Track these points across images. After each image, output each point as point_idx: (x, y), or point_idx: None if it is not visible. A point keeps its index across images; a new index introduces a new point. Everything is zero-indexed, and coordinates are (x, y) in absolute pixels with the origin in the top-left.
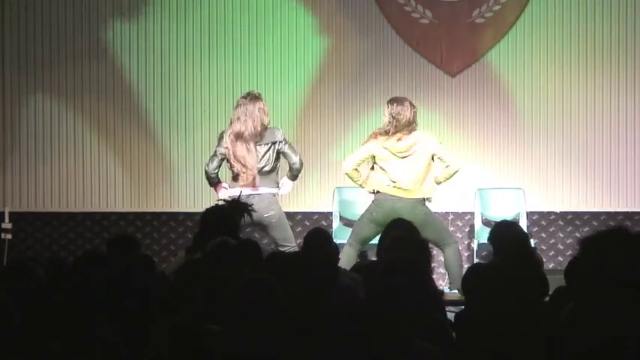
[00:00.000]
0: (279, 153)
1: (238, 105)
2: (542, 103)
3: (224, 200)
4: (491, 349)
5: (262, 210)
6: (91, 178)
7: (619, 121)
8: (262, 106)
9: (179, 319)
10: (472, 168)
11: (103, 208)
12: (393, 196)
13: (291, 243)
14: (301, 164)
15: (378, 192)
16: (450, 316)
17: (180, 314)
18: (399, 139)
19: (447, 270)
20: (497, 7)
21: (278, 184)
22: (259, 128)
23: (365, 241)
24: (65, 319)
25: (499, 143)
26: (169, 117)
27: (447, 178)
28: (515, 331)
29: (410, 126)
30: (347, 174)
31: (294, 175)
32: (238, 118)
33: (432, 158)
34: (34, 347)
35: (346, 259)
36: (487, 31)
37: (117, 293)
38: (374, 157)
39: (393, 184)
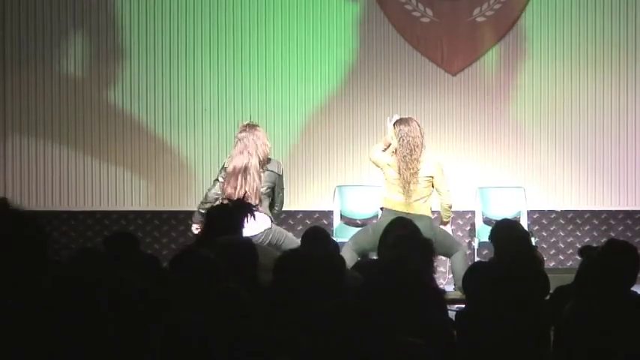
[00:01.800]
0: (274, 184)
1: (239, 138)
2: (542, 101)
3: (229, 199)
4: (491, 348)
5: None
6: (92, 177)
7: (619, 120)
8: (262, 135)
9: (175, 318)
10: (473, 167)
11: (104, 207)
12: (398, 211)
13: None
14: (282, 206)
15: (382, 208)
16: (451, 314)
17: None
18: (410, 160)
19: (452, 272)
20: (498, 6)
21: (275, 207)
22: (262, 159)
23: (364, 252)
24: (66, 318)
25: (500, 142)
26: (170, 115)
27: (447, 215)
28: (516, 330)
29: (417, 148)
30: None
31: (275, 216)
32: (242, 152)
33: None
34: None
35: (347, 260)
36: (488, 30)
37: (119, 292)
38: (387, 165)
39: (398, 201)
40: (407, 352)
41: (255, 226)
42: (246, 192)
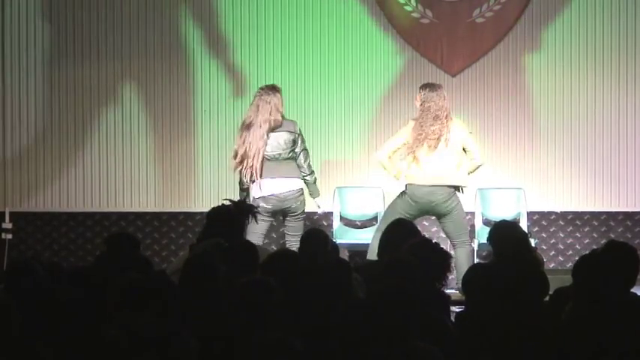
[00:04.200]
0: (294, 143)
1: (255, 95)
2: (542, 102)
3: (230, 200)
4: (491, 349)
5: (290, 201)
6: (91, 178)
7: (619, 121)
8: (277, 101)
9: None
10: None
11: (104, 208)
12: (423, 185)
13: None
14: (310, 169)
15: (409, 182)
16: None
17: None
18: (432, 126)
19: (455, 269)
20: (497, 7)
21: (301, 173)
22: (272, 118)
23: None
24: (67, 318)
25: (499, 143)
26: (170, 117)
27: (471, 172)
28: (515, 331)
29: (442, 113)
30: (380, 163)
31: (307, 182)
32: (256, 107)
33: (463, 149)
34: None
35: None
36: (487, 31)
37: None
38: (406, 144)
39: (424, 172)
40: (418, 355)
41: (284, 184)
42: (246, 149)
